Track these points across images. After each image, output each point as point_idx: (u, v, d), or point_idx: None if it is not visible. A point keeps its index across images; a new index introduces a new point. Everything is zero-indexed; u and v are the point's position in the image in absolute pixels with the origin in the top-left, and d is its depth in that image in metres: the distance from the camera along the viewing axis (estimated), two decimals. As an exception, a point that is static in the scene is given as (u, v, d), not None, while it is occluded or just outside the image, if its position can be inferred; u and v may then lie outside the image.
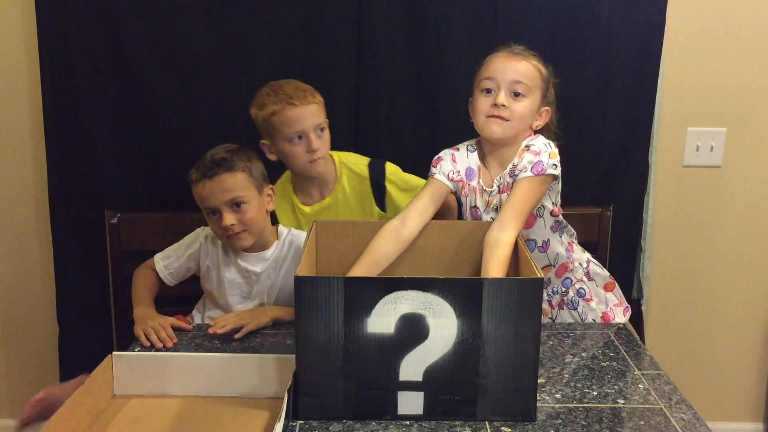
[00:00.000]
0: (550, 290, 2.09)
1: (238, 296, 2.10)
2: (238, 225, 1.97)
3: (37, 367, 2.71)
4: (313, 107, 2.09)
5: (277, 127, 2.08)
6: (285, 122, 2.07)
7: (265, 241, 2.07)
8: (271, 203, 2.07)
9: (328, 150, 2.16)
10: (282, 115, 2.06)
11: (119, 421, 1.55)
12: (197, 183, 1.97)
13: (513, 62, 1.92)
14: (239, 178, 1.97)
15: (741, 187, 2.66)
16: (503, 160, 1.98)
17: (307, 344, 1.50)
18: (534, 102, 1.93)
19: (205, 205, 1.99)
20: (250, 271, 2.07)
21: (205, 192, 1.96)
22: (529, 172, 1.88)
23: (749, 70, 2.55)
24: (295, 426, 1.51)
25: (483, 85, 1.93)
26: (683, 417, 1.56)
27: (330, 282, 1.47)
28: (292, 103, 2.06)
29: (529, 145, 1.94)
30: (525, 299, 1.47)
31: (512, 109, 1.90)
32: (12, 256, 2.63)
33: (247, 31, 2.38)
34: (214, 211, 1.98)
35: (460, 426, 1.51)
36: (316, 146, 2.09)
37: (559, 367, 1.78)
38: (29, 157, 2.53)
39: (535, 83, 1.92)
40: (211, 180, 1.95)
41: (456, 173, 2.00)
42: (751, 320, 2.78)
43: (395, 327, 1.48)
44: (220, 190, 1.96)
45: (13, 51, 2.45)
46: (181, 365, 1.63)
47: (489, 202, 1.98)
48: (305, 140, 2.08)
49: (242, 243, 2.02)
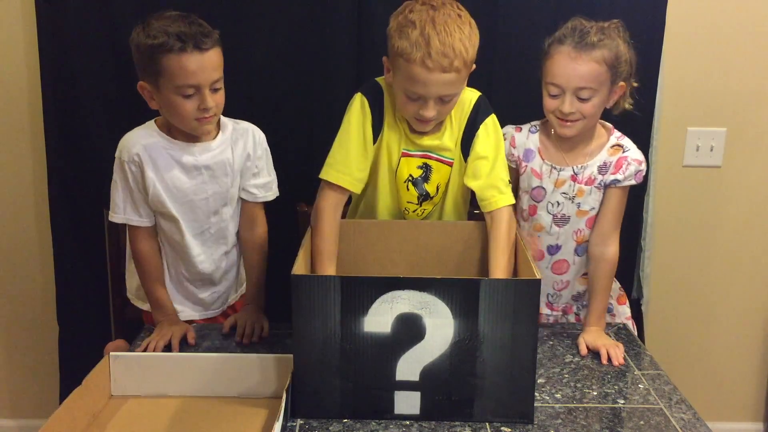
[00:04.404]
0: (580, 303, 2.09)
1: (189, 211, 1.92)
2: (216, 107, 1.81)
3: (37, 367, 2.71)
4: (451, 77, 1.74)
5: (401, 73, 1.76)
6: (410, 77, 1.74)
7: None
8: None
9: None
10: (411, 69, 1.73)
11: (117, 422, 1.55)
12: (180, 54, 1.74)
13: (576, 66, 1.83)
14: (220, 56, 1.80)
15: (741, 187, 2.66)
16: (576, 142, 1.95)
17: (304, 343, 1.50)
18: (603, 95, 1.87)
19: (188, 81, 1.75)
20: (200, 166, 1.89)
21: (193, 66, 1.74)
22: (632, 180, 1.92)
23: (749, 70, 2.55)
24: (294, 426, 1.51)
25: (548, 88, 1.88)
26: (683, 417, 1.56)
27: (327, 281, 1.48)
28: (426, 64, 1.71)
29: (622, 145, 1.94)
30: (522, 300, 1.47)
31: (581, 110, 1.86)
32: (12, 256, 2.63)
33: (247, 31, 2.38)
34: (196, 88, 1.77)
35: (460, 426, 1.52)
36: (432, 114, 1.78)
37: (559, 367, 1.78)
38: (29, 157, 2.54)
39: (602, 79, 1.84)
40: (202, 54, 1.75)
41: (513, 156, 1.99)
42: (751, 320, 2.78)
43: (392, 326, 1.48)
44: (211, 67, 1.77)
45: (13, 51, 2.45)
46: (179, 365, 1.63)
47: (558, 181, 1.96)
48: (420, 102, 1.78)
49: (209, 128, 1.86)
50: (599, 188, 1.94)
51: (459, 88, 1.79)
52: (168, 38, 1.74)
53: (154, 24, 1.78)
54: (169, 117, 1.85)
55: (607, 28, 1.88)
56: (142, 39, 1.78)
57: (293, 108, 2.43)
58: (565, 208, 1.96)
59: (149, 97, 1.85)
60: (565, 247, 1.99)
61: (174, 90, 1.77)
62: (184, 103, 1.78)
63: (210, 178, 1.91)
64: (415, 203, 1.98)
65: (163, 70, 1.76)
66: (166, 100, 1.80)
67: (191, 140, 1.89)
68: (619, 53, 1.86)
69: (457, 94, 1.80)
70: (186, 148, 1.88)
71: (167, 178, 1.88)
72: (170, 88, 1.77)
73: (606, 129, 1.98)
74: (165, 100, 1.81)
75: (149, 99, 1.85)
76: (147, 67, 1.79)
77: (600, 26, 1.87)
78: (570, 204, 1.95)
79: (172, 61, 1.74)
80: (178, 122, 1.84)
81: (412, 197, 1.97)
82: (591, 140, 1.96)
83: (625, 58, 1.87)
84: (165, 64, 1.75)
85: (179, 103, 1.79)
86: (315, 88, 2.42)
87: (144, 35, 1.78)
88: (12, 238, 2.62)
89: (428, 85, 1.73)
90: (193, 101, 1.78)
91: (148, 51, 1.77)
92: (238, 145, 1.94)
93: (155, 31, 1.76)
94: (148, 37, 1.76)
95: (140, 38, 1.78)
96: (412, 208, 1.99)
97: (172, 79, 1.76)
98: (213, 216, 1.96)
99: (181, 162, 1.88)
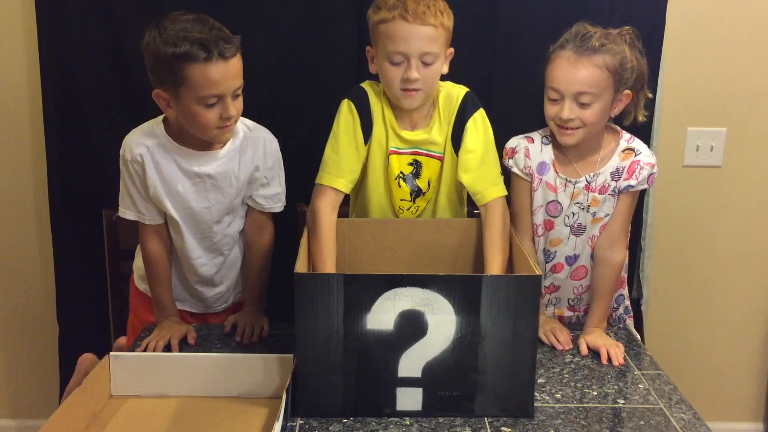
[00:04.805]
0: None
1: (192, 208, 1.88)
2: (237, 115, 1.76)
3: (37, 367, 2.70)
4: (430, 30, 1.80)
5: (383, 40, 1.82)
6: (392, 36, 1.80)
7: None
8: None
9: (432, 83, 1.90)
10: (392, 27, 1.79)
11: (117, 422, 1.54)
12: (206, 63, 1.66)
13: (575, 71, 1.80)
14: (241, 62, 1.73)
15: (741, 187, 2.66)
16: (586, 150, 1.92)
17: (307, 341, 1.50)
18: (605, 102, 1.83)
19: (212, 91, 1.69)
20: (203, 174, 1.85)
21: (218, 76, 1.67)
22: (645, 185, 1.90)
23: (749, 70, 2.55)
24: (295, 426, 1.50)
25: (548, 93, 1.86)
26: (683, 417, 1.56)
27: (330, 279, 1.48)
28: (405, 17, 1.77)
29: (633, 149, 1.91)
30: (523, 296, 1.48)
31: (581, 118, 1.83)
32: (12, 255, 2.63)
33: (248, 31, 2.37)
34: (219, 97, 1.71)
35: (460, 426, 1.52)
36: (416, 76, 1.81)
37: (559, 367, 1.78)
38: (29, 157, 2.53)
39: (603, 85, 1.81)
40: (226, 62, 1.68)
41: (527, 168, 1.95)
42: (751, 320, 2.78)
43: (394, 324, 1.49)
44: (233, 75, 1.71)
45: (13, 51, 2.45)
46: (179, 365, 1.63)
47: (574, 194, 1.93)
48: (404, 65, 1.81)
49: (228, 136, 1.82)
50: (613, 195, 1.91)
51: (438, 48, 1.81)
52: (191, 47, 1.66)
53: (170, 28, 1.69)
54: (189, 126, 1.78)
55: (614, 34, 1.85)
56: (160, 46, 1.68)
57: (293, 108, 2.43)
58: (581, 218, 1.94)
59: (166, 105, 1.77)
60: (582, 255, 1.97)
61: (196, 100, 1.70)
62: (206, 112, 1.72)
63: (213, 187, 1.88)
64: (408, 200, 1.99)
65: (186, 79, 1.68)
66: (187, 109, 1.73)
67: (200, 148, 1.84)
68: (624, 60, 1.82)
69: (437, 57, 1.82)
70: (192, 156, 1.84)
71: (169, 181, 1.85)
72: (192, 98, 1.70)
73: (614, 134, 1.95)
74: (185, 110, 1.74)
75: (165, 107, 1.78)
76: (166, 76, 1.71)
77: (605, 32, 1.85)
78: (585, 213, 1.93)
79: (196, 71, 1.67)
80: (198, 131, 1.78)
81: (404, 194, 1.98)
82: (600, 148, 1.93)
83: (630, 65, 1.83)
84: (188, 74, 1.67)
85: (201, 113, 1.72)
86: (315, 88, 2.42)
87: (162, 42, 1.68)
88: (12, 238, 2.61)
89: (409, 39, 1.77)
90: (215, 110, 1.72)
91: (168, 59, 1.68)
92: (246, 154, 1.89)
93: (174, 37, 1.67)
94: (168, 45, 1.67)
95: (158, 45, 1.69)
96: (406, 205, 2.00)
97: (195, 90, 1.69)
98: (215, 225, 1.93)
99: (183, 168, 1.85)
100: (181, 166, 1.85)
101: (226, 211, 1.93)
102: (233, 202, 1.92)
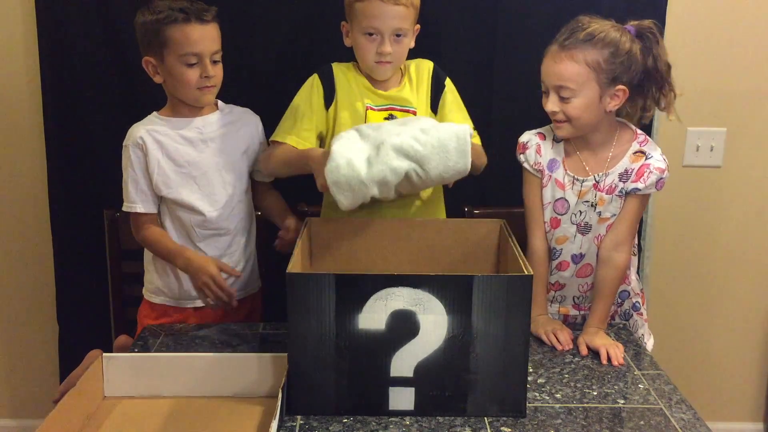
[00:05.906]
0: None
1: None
2: (216, 78, 1.96)
3: (37, 367, 2.71)
4: (401, 9, 1.97)
5: (358, 16, 1.98)
6: (367, 14, 1.96)
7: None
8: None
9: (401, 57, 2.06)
10: (368, 6, 1.96)
11: (110, 423, 1.54)
12: (184, 24, 1.90)
13: (555, 65, 1.84)
14: (219, 31, 1.96)
15: (741, 187, 2.65)
16: (596, 148, 1.93)
17: (300, 340, 1.50)
18: (588, 96, 1.83)
19: (192, 49, 1.91)
20: (205, 139, 2.03)
21: (196, 35, 1.90)
22: (654, 189, 1.90)
23: (749, 70, 2.55)
24: (294, 426, 1.51)
25: (542, 86, 1.90)
26: (683, 417, 1.56)
27: (322, 279, 1.48)
28: None
29: (644, 152, 1.90)
30: (515, 295, 1.48)
31: (564, 111, 1.85)
32: (12, 256, 2.64)
33: (248, 31, 2.39)
34: (198, 57, 1.92)
35: (460, 426, 1.51)
36: (389, 50, 1.98)
37: (559, 367, 1.77)
38: (29, 157, 2.54)
39: (583, 79, 1.82)
40: (203, 25, 1.92)
41: (538, 164, 1.97)
42: (751, 320, 2.77)
43: (386, 323, 1.49)
44: (210, 38, 1.93)
45: (13, 51, 2.46)
46: (173, 365, 1.62)
47: (582, 192, 1.93)
48: (378, 40, 1.98)
49: (210, 98, 2.01)
50: (620, 196, 1.91)
51: (409, 25, 2.00)
52: (172, 11, 1.90)
53: (158, 3, 1.95)
54: (173, 89, 1.99)
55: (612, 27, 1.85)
56: (147, 16, 1.94)
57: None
58: (587, 216, 1.93)
59: (153, 71, 1.98)
60: (588, 253, 1.97)
61: (178, 59, 1.92)
62: (187, 71, 1.93)
63: (217, 150, 2.03)
64: None
65: (168, 40, 1.90)
66: (170, 70, 1.94)
67: (192, 114, 2.02)
68: (616, 53, 1.82)
69: (407, 33, 2.00)
70: (187, 123, 2.01)
71: (173, 154, 1.99)
72: (174, 58, 1.92)
73: (629, 133, 1.94)
74: (169, 71, 1.95)
75: (153, 74, 1.99)
76: (152, 41, 1.93)
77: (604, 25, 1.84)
78: (592, 212, 1.93)
79: (176, 31, 1.90)
80: (181, 92, 1.98)
81: None
82: (611, 145, 1.92)
83: (623, 60, 1.83)
84: (169, 34, 1.90)
85: (183, 72, 1.93)
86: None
87: (149, 13, 1.94)
88: (12, 238, 2.62)
89: (383, 17, 1.95)
90: (195, 70, 1.93)
91: (152, 25, 1.92)
92: (240, 121, 2.10)
93: (159, 9, 1.92)
94: (152, 13, 1.92)
95: (145, 16, 1.94)
96: None
97: (176, 49, 1.91)
98: (226, 187, 2.04)
99: (185, 136, 2.01)
100: (183, 135, 2.01)
101: (234, 174, 2.06)
102: (238, 164, 2.06)
